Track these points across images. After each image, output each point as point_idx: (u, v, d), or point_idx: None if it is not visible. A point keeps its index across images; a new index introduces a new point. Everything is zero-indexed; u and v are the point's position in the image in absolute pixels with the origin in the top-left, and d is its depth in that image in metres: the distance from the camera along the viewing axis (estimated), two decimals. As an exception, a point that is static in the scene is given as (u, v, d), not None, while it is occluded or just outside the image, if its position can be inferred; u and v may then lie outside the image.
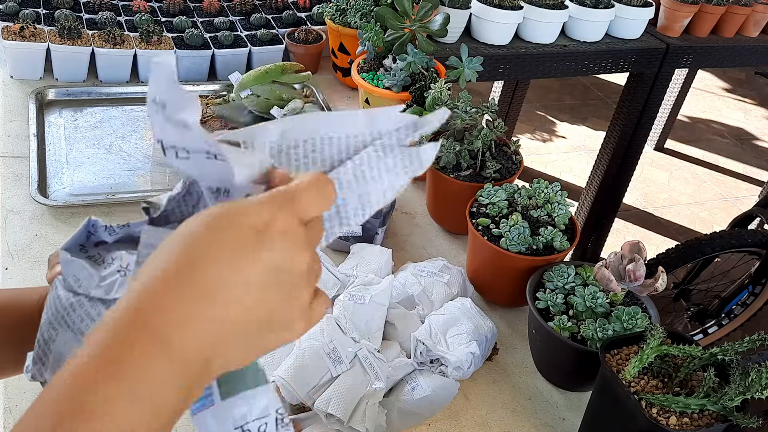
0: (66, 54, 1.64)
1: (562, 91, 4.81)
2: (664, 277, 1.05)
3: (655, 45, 2.25)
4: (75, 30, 1.64)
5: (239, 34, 1.85)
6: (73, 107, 1.61)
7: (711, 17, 2.33)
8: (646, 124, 2.48)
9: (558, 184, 1.25)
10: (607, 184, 2.62)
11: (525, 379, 1.13)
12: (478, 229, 1.20)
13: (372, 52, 1.66)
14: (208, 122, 1.61)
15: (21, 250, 1.21)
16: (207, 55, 1.75)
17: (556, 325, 1.04)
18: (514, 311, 1.26)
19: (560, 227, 1.19)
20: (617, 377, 0.92)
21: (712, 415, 0.89)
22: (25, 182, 1.34)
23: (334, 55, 1.88)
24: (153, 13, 1.89)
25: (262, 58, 1.80)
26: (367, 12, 1.74)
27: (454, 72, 1.51)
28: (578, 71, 2.19)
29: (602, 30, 2.16)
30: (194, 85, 1.74)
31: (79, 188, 1.37)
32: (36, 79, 1.66)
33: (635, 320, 1.03)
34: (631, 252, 1.07)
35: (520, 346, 1.19)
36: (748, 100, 5.20)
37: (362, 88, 1.63)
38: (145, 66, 1.71)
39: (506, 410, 1.07)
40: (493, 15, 1.96)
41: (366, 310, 1.07)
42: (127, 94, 1.69)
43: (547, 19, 2.03)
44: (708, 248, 2.21)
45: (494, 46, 2.02)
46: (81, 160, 1.45)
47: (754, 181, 4.17)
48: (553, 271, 1.13)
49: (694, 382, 0.94)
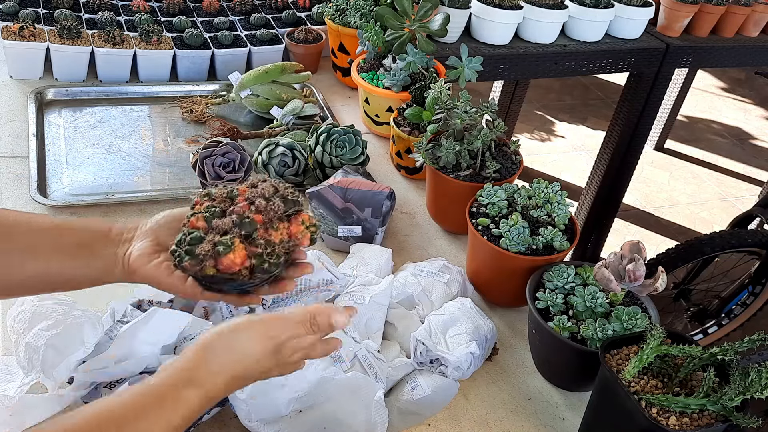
0: (65, 54, 1.63)
1: (562, 91, 4.81)
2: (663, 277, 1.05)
3: (655, 45, 2.25)
4: (75, 30, 1.64)
5: (239, 34, 1.85)
6: (72, 107, 1.61)
7: (711, 17, 2.33)
8: (646, 124, 2.48)
9: (558, 184, 1.25)
10: (606, 184, 2.62)
11: (525, 379, 1.13)
12: (477, 229, 1.19)
13: (372, 52, 1.66)
14: (207, 122, 1.61)
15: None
16: (207, 55, 1.75)
17: (555, 325, 1.04)
18: (514, 311, 1.26)
19: (560, 227, 1.19)
20: (617, 377, 0.92)
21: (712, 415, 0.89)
22: (25, 182, 1.34)
23: (334, 55, 1.88)
24: (153, 13, 1.89)
25: (261, 58, 1.80)
26: (366, 12, 1.74)
27: (454, 72, 1.50)
28: (578, 71, 2.19)
29: (602, 30, 2.16)
30: (194, 84, 1.74)
31: (79, 188, 1.37)
32: (35, 79, 1.66)
33: (635, 320, 1.02)
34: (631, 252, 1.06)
35: (519, 346, 1.19)
36: (748, 100, 5.19)
37: (362, 87, 1.63)
38: (145, 66, 1.71)
39: (506, 410, 1.07)
40: (492, 15, 1.96)
41: (366, 310, 1.07)
42: (126, 93, 1.68)
43: (546, 18, 2.03)
44: (708, 248, 2.21)
45: (494, 45, 2.02)
46: (80, 160, 1.45)
47: (754, 181, 4.17)
48: (552, 271, 1.12)
49: (694, 382, 0.93)
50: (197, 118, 1.62)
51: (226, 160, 1.35)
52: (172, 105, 1.68)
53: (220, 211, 0.81)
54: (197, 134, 1.59)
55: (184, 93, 1.72)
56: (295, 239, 0.81)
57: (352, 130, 1.44)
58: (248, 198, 0.81)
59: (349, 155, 1.42)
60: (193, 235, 0.78)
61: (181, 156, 1.52)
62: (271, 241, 0.79)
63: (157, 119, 1.64)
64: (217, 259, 0.76)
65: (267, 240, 0.78)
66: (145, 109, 1.66)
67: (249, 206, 0.80)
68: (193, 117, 1.63)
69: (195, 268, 0.77)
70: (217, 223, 0.79)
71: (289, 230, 0.80)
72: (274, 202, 0.80)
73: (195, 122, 1.63)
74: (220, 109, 1.68)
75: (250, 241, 0.78)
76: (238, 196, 0.82)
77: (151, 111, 1.66)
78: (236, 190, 0.83)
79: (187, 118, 1.63)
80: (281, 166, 1.40)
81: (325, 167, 1.42)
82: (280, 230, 0.79)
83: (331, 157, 1.41)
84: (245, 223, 0.78)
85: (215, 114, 1.65)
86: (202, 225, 0.79)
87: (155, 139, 1.57)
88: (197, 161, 1.36)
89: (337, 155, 1.41)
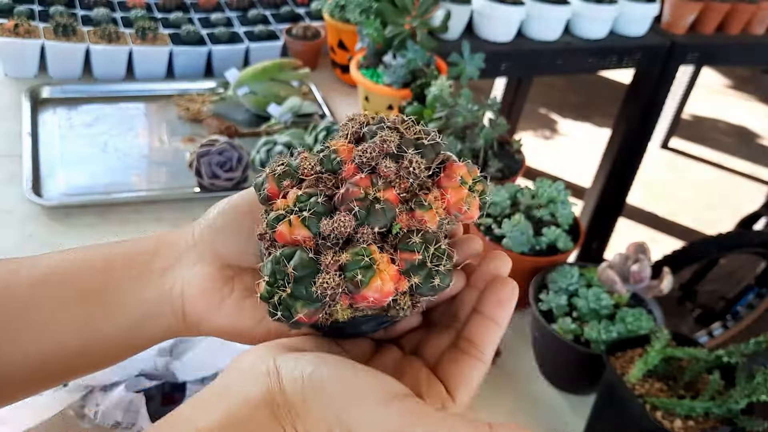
0: (61, 51, 1.62)
1: (566, 89, 4.78)
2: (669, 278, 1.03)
3: (660, 42, 2.22)
4: (70, 27, 1.62)
5: (236, 30, 1.82)
6: (67, 105, 1.59)
7: (716, 14, 2.31)
8: (651, 122, 2.45)
9: (561, 183, 1.22)
10: (611, 184, 2.60)
11: (527, 382, 1.11)
12: (479, 229, 1.17)
13: (372, 49, 1.64)
14: (204, 120, 1.59)
15: (14, 251, 1.19)
16: (203, 52, 1.73)
17: (559, 327, 1.02)
18: (517, 313, 1.24)
19: (564, 227, 1.17)
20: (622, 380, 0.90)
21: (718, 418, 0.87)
22: (19, 182, 1.32)
23: (333, 52, 1.86)
24: (149, 9, 1.87)
25: (259, 55, 1.78)
26: (366, 8, 1.72)
27: (456, 69, 1.48)
28: (582, 68, 2.17)
29: (606, 27, 2.14)
30: (191, 82, 1.72)
31: (74, 188, 1.35)
32: (30, 77, 1.64)
33: (640, 322, 1.00)
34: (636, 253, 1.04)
35: (522, 348, 1.17)
36: (754, 98, 5.16)
37: (362, 85, 1.61)
38: (141, 62, 1.69)
39: (508, 413, 1.05)
40: (495, 11, 1.94)
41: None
42: (122, 92, 1.66)
43: (550, 15, 2.01)
44: (714, 249, 2.18)
45: (496, 42, 2.00)
46: (76, 159, 1.43)
47: (761, 181, 4.14)
48: (556, 272, 1.10)
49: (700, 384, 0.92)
50: (194, 116, 1.60)
51: (223, 158, 1.32)
52: (169, 103, 1.66)
53: (324, 200, 0.43)
54: (194, 133, 1.57)
55: (180, 91, 1.70)
56: (457, 213, 0.45)
57: (351, 128, 1.42)
58: (360, 161, 0.44)
59: (348, 153, 1.40)
60: (297, 260, 0.42)
61: (177, 155, 1.50)
62: (429, 233, 0.43)
63: (153, 117, 1.62)
64: (356, 295, 0.41)
65: (423, 233, 0.43)
66: (141, 108, 1.64)
67: (369, 178, 0.43)
68: (189, 115, 1.61)
69: (316, 317, 0.43)
70: (330, 227, 0.42)
71: (445, 200, 0.44)
72: (408, 157, 0.44)
73: (191, 120, 1.61)
74: (217, 107, 1.66)
75: (393, 241, 0.43)
76: (341, 164, 0.45)
77: (147, 109, 1.64)
78: (333, 153, 0.46)
79: (184, 117, 1.61)
80: (279, 164, 1.38)
81: (323, 166, 1.39)
82: (434, 206, 0.43)
83: (330, 156, 1.39)
84: (376, 211, 0.42)
85: (212, 112, 1.63)
86: (303, 236, 0.43)
87: (151, 138, 1.55)
88: (194, 160, 1.34)
89: (336, 153, 1.39)
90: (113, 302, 0.49)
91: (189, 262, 0.50)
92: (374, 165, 0.44)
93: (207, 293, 0.49)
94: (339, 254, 0.42)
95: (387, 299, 0.42)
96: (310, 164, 0.46)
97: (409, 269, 0.42)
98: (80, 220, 1.28)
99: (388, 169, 0.43)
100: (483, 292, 0.47)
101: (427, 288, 0.43)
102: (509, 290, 0.47)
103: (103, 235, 1.25)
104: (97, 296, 0.49)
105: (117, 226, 1.28)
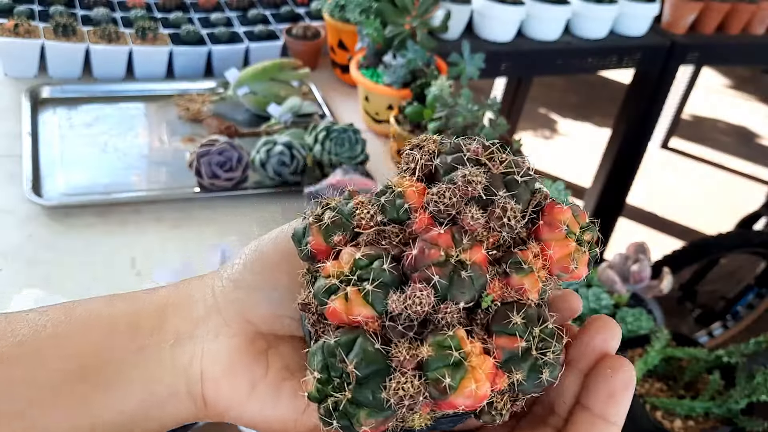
0: (61, 51, 1.61)
1: (566, 89, 4.78)
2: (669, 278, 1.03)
3: (660, 42, 2.22)
4: (70, 27, 1.62)
5: (236, 30, 1.82)
6: (67, 105, 1.59)
7: (716, 14, 2.31)
8: (651, 122, 2.45)
9: (561, 183, 1.22)
10: (611, 184, 2.60)
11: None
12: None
13: (371, 49, 1.64)
14: (204, 120, 1.59)
15: (14, 251, 1.19)
16: (203, 52, 1.73)
17: (558, 326, 1.02)
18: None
19: (563, 226, 1.16)
20: (621, 381, 0.90)
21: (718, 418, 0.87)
22: (19, 182, 1.32)
23: (333, 52, 1.86)
24: (149, 9, 1.87)
25: (259, 55, 1.78)
26: (366, 7, 1.72)
27: (456, 69, 1.48)
28: (582, 68, 2.17)
29: (606, 27, 2.14)
30: (190, 82, 1.72)
31: (74, 188, 1.35)
32: (30, 77, 1.64)
33: (640, 322, 1.00)
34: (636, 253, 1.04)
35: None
36: (754, 98, 5.16)
37: (361, 85, 1.61)
38: (141, 62, 1.69)
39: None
40: (495, 11, 1.94)
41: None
42: (122, 92, 1.66)
43: (550, 15, 2.01)
44: (714, 249, 2.18)
45: (496, 42, 2.00)
46: (75, 158, 1.43)
47: (761, 181, 4.14)
48: (555, 271, 1.10)
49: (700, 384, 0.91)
50: (194, 116, 1.60)
51: (223, 158, 1.33)
52: (169, 103, 1.66)
53: (391, 265, 0.32)
54: (194, 133, 1.57)
55: (180, 91, 1.70)
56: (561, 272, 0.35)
57: (351, 129, 1.42)
58: (436, 209, 0.33)
59: (349, 154, 1.40)
60: (359, 352, 0.31)
61: (177, 155, 1.49)
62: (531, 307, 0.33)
63: (153, 117, 1.61)
64: (441, 402, 0.30)
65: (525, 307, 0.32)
66: (140, 108, 1.64)
67: (450, 233, 0.32)
68: (189, 115, 1.61)
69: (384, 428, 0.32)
70: (401, 304, 0.31)
71: (548, 258, 0.34)
72: (501, 203, 0.33)
73: (191, 120, 1.60)
74: (216, 107, 1.66)
75: (484, 319, 0.32)
76: (409, 212, 0.34)
77: (147, 109, 1.64)
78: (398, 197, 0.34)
79: (184, 117, 1.61)
80: (279, 165, 1.38)
81: (324, 166, 1.40)
82: (535, 268, 0.33)
83: (330, 156, 1.39)
84: (461, 280, 0.31)
85: (212, 112, 1.63)
86: (365, 316, 0.31)
87: (151, 138, 1.54)
88: (194, 160, 1.34)
89: (337, 154, 1.39)
90: (114, 381, 0.36)
91: (209, 329, 0.37)
92: (455, 213, 0.33)
93: (234, 374, 0.37)
94: (416, 344, 0.31)
95: (481, 404, 0.31)
96: (368, 213, 0.34)
97: (508, 361, 0.32)
98: (80, 220, 1.28)
99: (475, 221, 0.32)
100: (588, 377, 0.35)
101: (531, 385, 0.32)
102: (626, 378, 0.34)
103: (103, 235, 1.25)
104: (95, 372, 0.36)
105: (117, 226, 1.28)
